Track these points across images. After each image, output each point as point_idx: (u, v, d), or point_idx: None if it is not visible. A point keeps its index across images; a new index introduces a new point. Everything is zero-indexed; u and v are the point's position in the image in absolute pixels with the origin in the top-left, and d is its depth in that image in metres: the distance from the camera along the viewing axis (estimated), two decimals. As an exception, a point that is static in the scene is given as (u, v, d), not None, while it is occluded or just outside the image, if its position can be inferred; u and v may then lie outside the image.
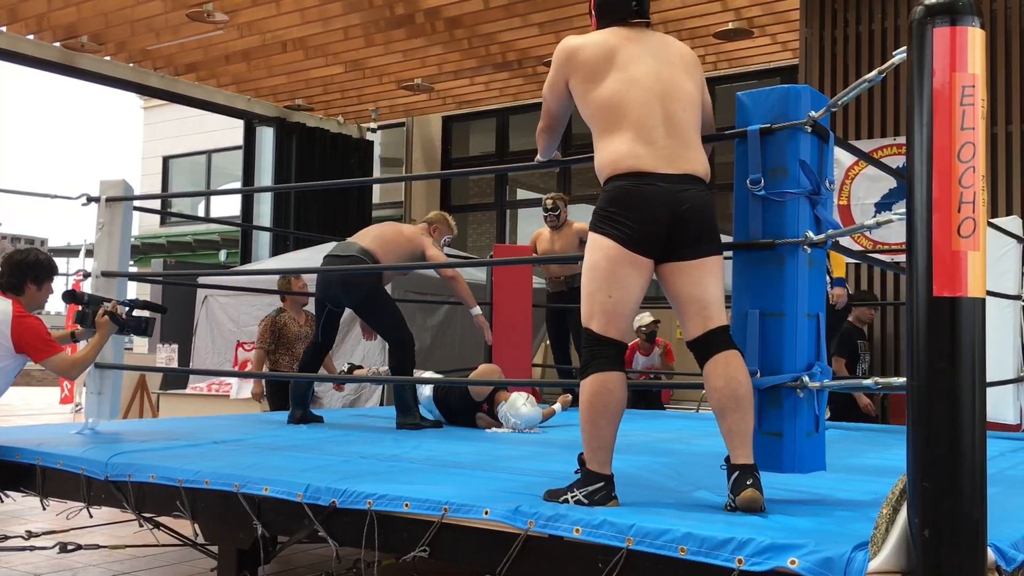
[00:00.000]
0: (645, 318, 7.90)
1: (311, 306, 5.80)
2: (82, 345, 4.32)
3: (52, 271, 4.14)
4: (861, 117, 7.31)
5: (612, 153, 2.68)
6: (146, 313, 4.30)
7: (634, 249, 2.60)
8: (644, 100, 2.67)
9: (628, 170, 2.63)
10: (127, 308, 4.27)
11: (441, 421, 5.13)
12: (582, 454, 2.66)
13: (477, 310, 5.26)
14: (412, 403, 4.98)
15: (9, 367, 3.92)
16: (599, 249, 2.64)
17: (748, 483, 2.45)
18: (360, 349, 7.94)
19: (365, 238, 5.10)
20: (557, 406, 5.46)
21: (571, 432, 4.40)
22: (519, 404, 4.98)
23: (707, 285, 2.63)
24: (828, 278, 5.65)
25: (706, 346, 2.61)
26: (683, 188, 2.61)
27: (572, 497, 2.54)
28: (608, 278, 2.62)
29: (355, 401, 8.18)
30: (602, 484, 2.56)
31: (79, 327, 4.28)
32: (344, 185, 11.71)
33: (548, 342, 10.14)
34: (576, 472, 2.65)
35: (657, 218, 2.59)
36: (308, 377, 5.24)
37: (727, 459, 2.55)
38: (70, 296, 4.23)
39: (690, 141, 2.69)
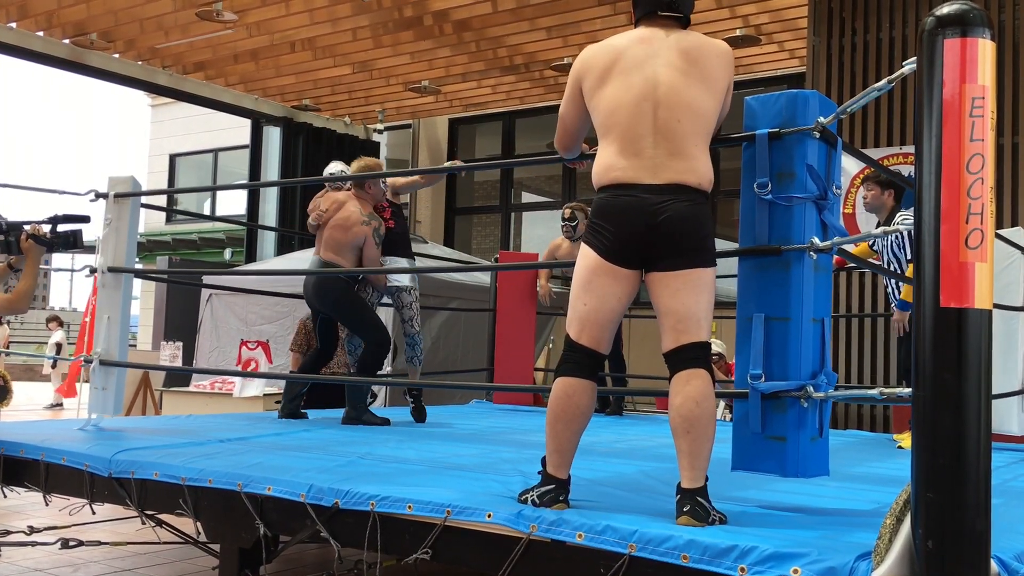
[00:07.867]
0: None
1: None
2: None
3: None
4: (868, 126, 7.29)
5: (600, 164, 2.69)
6: (71, 226, 4.24)
7: (611, 260, 2.61)
8: (636, 108, 2.62)
9: (610, 182, 2.64)
10: (49, 226, 4.17)
11: (388, 419, 5.30)
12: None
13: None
14: (364, 400, 5.26)
15: None
16: (582, 259, 2.70)
17: (684, 510, 2.43)
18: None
19: (323, 248, 5.38)
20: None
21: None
22: None
23: (684, 298, 2.56)
24: (894, 296, 5.15)
25: (675, 361, 2.57)
26: (665, 199, 2.56)
27: (530, 497, 2.61)
28: (585, 287, 2.66)
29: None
30: (553, 487, 2.62)
31: (11, 256, 4.13)
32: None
33: (550, 346, 10.16)
34: (539, 472, 2.70)
35: (634, 229, 2.58)
36: (303, 377, 5.41)
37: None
38: None
39: (683, 150, 2.60)
